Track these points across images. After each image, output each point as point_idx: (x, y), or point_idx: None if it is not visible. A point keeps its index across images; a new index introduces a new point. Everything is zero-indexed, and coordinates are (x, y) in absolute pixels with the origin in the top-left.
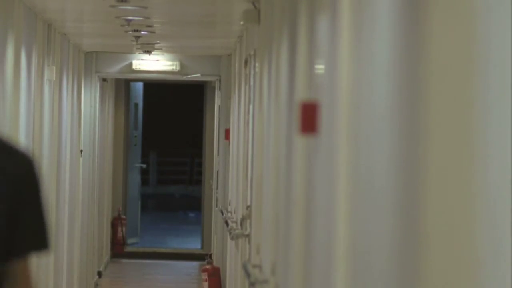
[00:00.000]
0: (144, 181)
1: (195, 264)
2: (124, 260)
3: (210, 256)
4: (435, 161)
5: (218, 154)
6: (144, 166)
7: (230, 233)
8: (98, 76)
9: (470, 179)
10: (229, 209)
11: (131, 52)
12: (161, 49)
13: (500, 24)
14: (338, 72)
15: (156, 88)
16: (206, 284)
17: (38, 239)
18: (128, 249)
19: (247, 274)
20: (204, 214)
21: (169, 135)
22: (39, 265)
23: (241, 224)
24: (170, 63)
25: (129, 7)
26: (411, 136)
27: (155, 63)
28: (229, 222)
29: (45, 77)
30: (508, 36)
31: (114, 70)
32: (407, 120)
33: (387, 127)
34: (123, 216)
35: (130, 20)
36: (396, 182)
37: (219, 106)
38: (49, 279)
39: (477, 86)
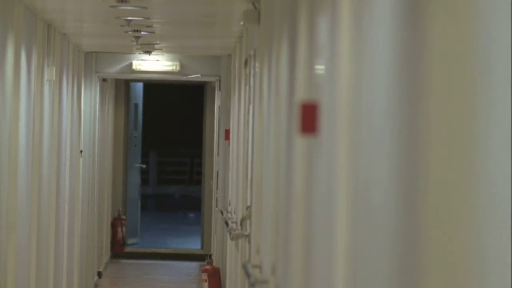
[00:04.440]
0: (144, 182)
1: (195, 264)
2: (124, 261)
3: (210, 256)
4: (435, 161)
5: (218, 155)
6: (144, 166)
7: (230, 234)
8: (98, 76)
9: (470, 179)
10: (229, 210)
11: (131, 52)
12: (161, 49)
13: (501, 22)
14: (338, 72)
15: (156, 88)
16: (206, 285)
17: None
18: (128, 249)
19: (247, 275)
20: (204, 214)
21: (169, 135)
22: (39, 265)
23: (241, 225)
24: (170, 63)
25: (129, 8)
26: (411, 136)
27: (155, 63)
28: (229, 222)
29: (45, 78)
30: (508, 35)
31: (114, 70)
32: (407, 120)
33: (387, 127)
34: (123, 217)
35: (130, 20)
36: (396, 182)
37: (219, 106)
38: (49, 279)
39: (479, 86)
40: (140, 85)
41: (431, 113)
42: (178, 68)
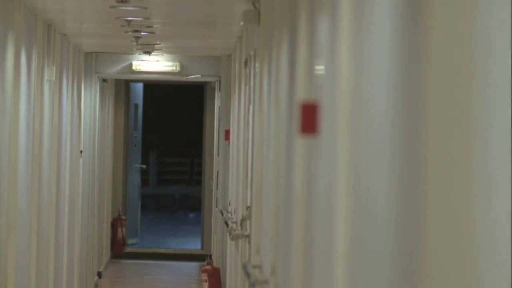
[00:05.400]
0: (144, 182)
1: (195, 264)
2: (124, 261)
3: (210, 256)
4: (435, 161)
5: (218, 155)
6: (144, 166)
7: (230, 234)
8: (98, 76)
9: (470, 178)
10: (229, 210)
11: (131, 53)
12: (161, 49)
13: (501, 23)
14: (338, 72)
15: (156, 88)
16: (206, 285)
17: None
18: (128, 249)
19: (247, 275)
20: (204, 214)
21: (169, 135)
22: (39, 265)
23: (241, 225)
24: (170, 63)
25: (129, 8)
26: (411, 136)
27: (155, 63)
28: (229, 222)
29: (45, 78)
30: (508, 35)
31: (114, 70)
32: (407, 120)
33: (387, 127)
34: (123, 217)
35: (130, 20)
36: (396, 182)
37: (219, 106)
38: (49, 279)
39: (478, 85)
40: (140, 85)
41: (431, 113)
42: (178, 68)
